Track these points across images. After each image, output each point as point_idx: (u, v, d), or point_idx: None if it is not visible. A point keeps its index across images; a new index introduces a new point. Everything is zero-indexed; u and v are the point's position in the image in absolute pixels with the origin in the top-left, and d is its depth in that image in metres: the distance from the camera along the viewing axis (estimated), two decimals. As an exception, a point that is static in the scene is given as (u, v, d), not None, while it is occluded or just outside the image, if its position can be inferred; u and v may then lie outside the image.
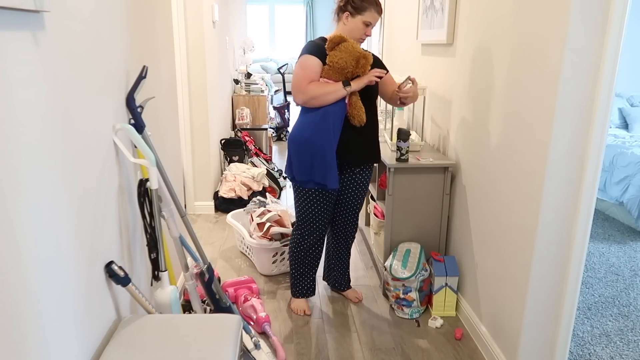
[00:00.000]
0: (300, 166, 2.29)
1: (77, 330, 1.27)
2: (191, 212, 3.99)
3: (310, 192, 2.34)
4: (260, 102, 5.51)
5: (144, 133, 1.73)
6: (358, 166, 2.40)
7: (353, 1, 2.19)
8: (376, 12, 2.21)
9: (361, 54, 2.16)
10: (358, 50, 2.17)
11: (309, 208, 2.38)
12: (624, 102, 5.42)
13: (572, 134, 1.68)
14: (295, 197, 2.42)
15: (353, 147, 2.31)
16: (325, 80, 2.20)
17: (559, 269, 1.84)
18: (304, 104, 2.22)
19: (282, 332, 2.39)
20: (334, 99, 2.18)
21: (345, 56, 2.15)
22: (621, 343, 2.37)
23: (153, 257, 1.73)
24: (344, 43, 2.16)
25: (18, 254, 0.98)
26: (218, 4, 4.24)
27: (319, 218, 2.40)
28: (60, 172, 1.18)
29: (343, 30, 2.24)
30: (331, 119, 2.20)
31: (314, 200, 2.36)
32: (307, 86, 2.18)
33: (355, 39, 2.23)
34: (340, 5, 2.24)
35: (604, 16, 1.57)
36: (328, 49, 2.19)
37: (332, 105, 2.19)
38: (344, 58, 2.14)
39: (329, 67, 2.18)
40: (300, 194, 2.38)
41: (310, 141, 2.23)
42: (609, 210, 4.19)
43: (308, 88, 2.18)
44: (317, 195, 2.34)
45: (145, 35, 1.99)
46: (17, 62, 0.98)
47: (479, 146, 2.28)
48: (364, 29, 2.22)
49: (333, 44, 2.17)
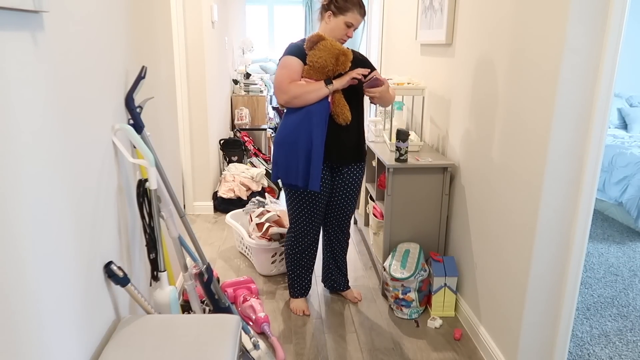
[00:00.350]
0: (286, 168, 2.27)
1: (76, 330, 1.27)
2: (190, 213, 3.99)
3: (300, 195, 2.34)
4: (260, 102, 5.51)
5: (143, 133, 1.73)
6: (345, 166, 2.39)
7: (336, 1, 2.18)
8: (359, 14, 2.20)
9: (340, 51, 2.14)
10: (337, 48, 2.15)
11: (301, 210, 2.38)
12: (623, 102, 5.43)
13: (571, 134, 1.69)
14: (287, 199, 2.42)
15: (338, 147, 2.30)
16: (306, 80, 2.19)
17: (558, 269, 1.84)
18: (286, 104, 2.21)
19: (281, 332, 2.39)
20: (316, 97, 2.17)
21: (324, 55, 2.13)
22: (620, 343, 2.38)
23: (152, 257, 1.73)
24: (322, 42, 2.15)
25: (17, 255, 0.98)
26: (217, 4, 4.24)
27: (311, 220, 2.40)
28: (59, 172, 1.18)
29: (325, 30, 2.25)
30: (315, 119, 2.18)
31: (305, 203, 2.36)
32: (289, 85, 2.17)
33: (336, 39, 2.22)
34: (324, 4, 2.23)
35: (603, 16, 1.57)
36: (307, 48, 2.17)
37: (316, 104, 2.18)
38: (323, 57, 2.13)
39: (310, 67, 2.18)
40: (291, 196, 2.37)
41: (294, 142, 2.22)
42: (608, 210, 4.19)
43: (289, 87, 2.17)
44: (307, 197, 2.34)
45: (145, 35, 1.99)
46: (16, 62, 0.98)
47: (478, 146, 2.28)
48: (346, 30, 2.22)
49: (311, 43, 2.16)
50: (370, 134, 3.22)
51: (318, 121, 2.19)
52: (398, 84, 2.78)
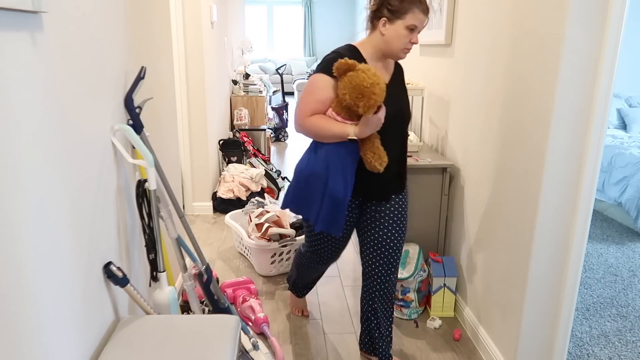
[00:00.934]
0: (303, 204, 1.92)
1: (76, 331, 1.27)
2: (189, 213, 3.98)
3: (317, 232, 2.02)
4: (259, 102, 5.51)
5: (142, 134, 1.73)
6: (380, 202, 1.95)
7: (390, 3, 1.73)
8: (421, 12, 1.74)
9: (369, 88, 1.63)
10: (365, 85, 1.63)
11: (317, 244, 2.10)
12: (622, 102, 5.43)
13: (570, 134, 1.69)
14: (304, 223, 2.13)
15: (370, 182, 1.89)
16: (333, 115, 1.78)
17: (557, 269, 1.84)
18: (302, 134, 1.85)
19: (281, 332, 2.39)
20: (335, 141, 1.79)
21: (348, 91, 1.66)
22: (619, 344, 2.38)
23: (151, 257, 1.73)
24: (351, 73, 1.66)
25: (16, 255, 0.98)
26: (216, 5, 4.24)
27: (327, 252, 2.12)
28: (58, 172, 1.18)
29: (380, 42, 1.79)
30: (344, 162, 1.80)
31: (323, 239, 2.07)
32: (307, 119, 1.79)
33: (400, 49, 1.78)
34: (374, 10, 1.79)
35: (602, 17, 1.58)
36: (336, 75, 1.72)
37: (345, 144, 1.79)
38: (347, 94, 1.67)
39: (337, 101, 1.75)
40: (308, 226, 2.09)
41: (316, 180, 1.84)
42: (608, 210, 4.20)
43: (306, 121, 1.79)
44: (325, 235, 2.06)
45: (144, 35, 1.99)
46: (15, 63, 0.98)
47: (477, 147, 2.28)
48: (409, 35, 1.75)
49: (339, 72, 1.69)
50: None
51: (346, 166, 1.81)
52: (397, 84, 2.78)
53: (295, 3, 12.26)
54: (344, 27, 12.30)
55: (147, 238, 1.72)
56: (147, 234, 1.72)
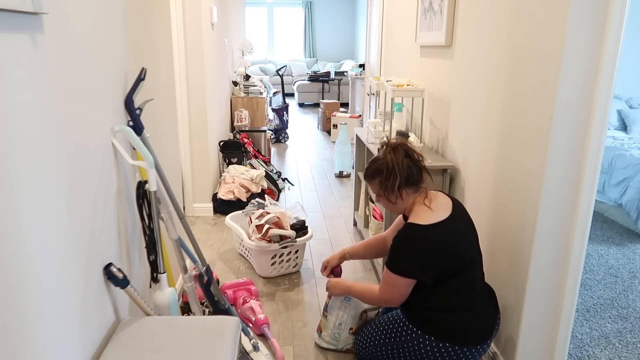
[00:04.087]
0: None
1: (76, 332, 1.27)
2: (190, 214, 3.98)
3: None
4: (259, 104, 5.52)
5: (143, 135, 1.73)
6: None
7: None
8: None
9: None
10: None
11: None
12: (622, 103, 5.43)
13: (570, 135, 1.69)
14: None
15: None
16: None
17: (557, 270, 1.84)
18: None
19: (281, 334, 2.38)
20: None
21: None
22: (620, 345, 2.37)
23: (152, 259, 1.73)
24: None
25: (16, 256, 0.98)
26: (217, 6, 4.25)
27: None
28: (59, 174, 1.18)
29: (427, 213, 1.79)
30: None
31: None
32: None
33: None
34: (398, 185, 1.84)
35: (602, 18, 1.58)
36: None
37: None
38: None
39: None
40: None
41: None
42: (608, 212, 4.19)
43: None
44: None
45: (144, 37, 1.99)
46: (15, 64, 0.98)
47: (477, 148, 2.28)
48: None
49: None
50: (369, 135, 3.22)
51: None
52: (398, 85, 2.78)
53: (296, 4, 12.27)
54: (344, 28, 12.32)
55: (147, 239, 1.73)
56: (148, 235, 1.72)
